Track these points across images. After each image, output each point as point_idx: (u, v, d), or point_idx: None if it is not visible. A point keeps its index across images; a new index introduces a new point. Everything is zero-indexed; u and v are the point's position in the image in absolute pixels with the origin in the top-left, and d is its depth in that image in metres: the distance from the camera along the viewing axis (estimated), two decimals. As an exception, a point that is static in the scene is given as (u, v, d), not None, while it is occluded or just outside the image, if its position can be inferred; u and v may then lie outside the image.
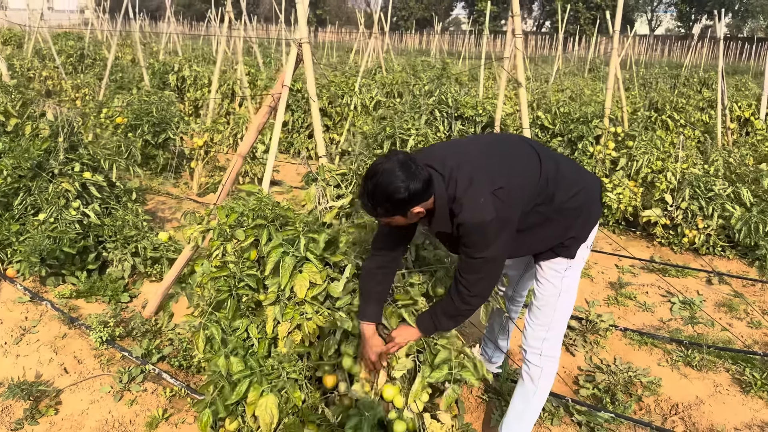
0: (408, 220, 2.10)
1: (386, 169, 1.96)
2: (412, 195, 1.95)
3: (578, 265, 2.37)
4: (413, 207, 2.01)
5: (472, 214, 2.00)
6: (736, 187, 5.14)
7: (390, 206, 1.99)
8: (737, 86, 13.73)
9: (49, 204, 3.86)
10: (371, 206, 2.02)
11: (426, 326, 2.24)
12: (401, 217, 2.06)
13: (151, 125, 6.22)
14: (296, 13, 3.30)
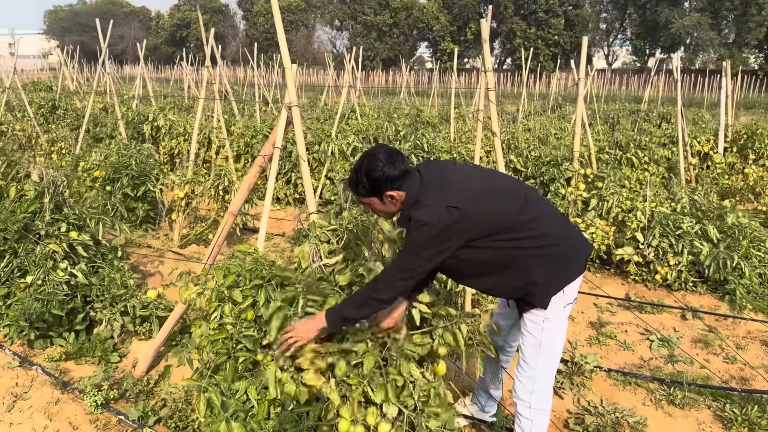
0: (385, 207, 2.40)
1: (373, 152, 2.37)
2: (386, 178, 2.30)
3: (557, 319, 2.46)
4: (387, 190, 2.33)
5: (418, 213, 2.27)
6: (702, 224, 5.39)
7: (367, 184, 2.33)
8: (695, 120, 14.37)
9: (36, 266, 3.85)
10: (354, 182, 2.38)
11: (332, 316, 2.38)
12: (378, 201, 2.38)
13: (130, 178, 6.25)
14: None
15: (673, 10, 51.02)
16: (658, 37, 53.16)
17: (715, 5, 50.56)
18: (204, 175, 6.30)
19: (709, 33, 50.81)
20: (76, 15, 68.81)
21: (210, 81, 7.07)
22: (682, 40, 52.15)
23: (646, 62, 56.99)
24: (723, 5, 49.94)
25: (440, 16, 58.45)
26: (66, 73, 13.74)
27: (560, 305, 2.44)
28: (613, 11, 59.33)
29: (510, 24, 56.11)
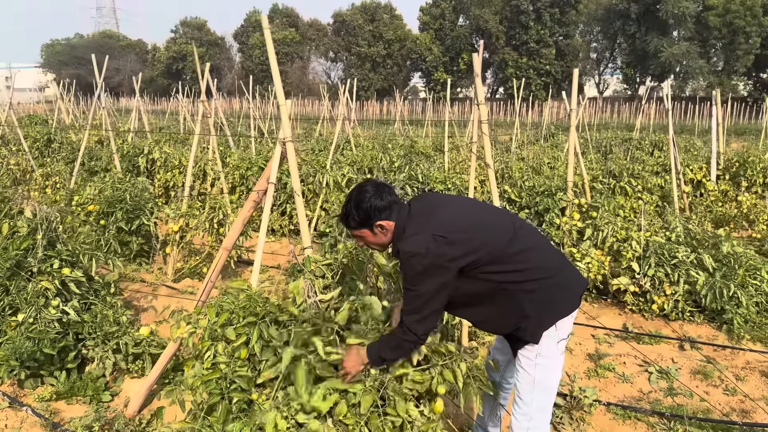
0: (376, 239, 2.48)
1: (361, 185, 2.48)
2: (374, 208, 2.39)
3: (551, 355, 2.44)
4: (376, 221, 2.40)
5: (405, 243, 2.32)
6: (698, 253, 5.39)
7: (357, 216, 2.42)
8: (686, 147, 14.52)
9: (28, 304, 3.81)
10: (345, 216, 2.49)
11: (372, 354, 2.41)
12: (369, 232, 2.46)
13: (124, 212, 6.23)
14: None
15: (662, 39, 51.92)
16: (648, 65, 54.00)
17: (703, 34, 51.51)
18: (199, 208, 6.29)
19: (698, 61, 51.65)
20: (73, 48, 69.48)
21: (205, 114, 7.11)
22: (672, 68, 53.00)
23: (636, 90, 57.77)
24: (711, 34, 50.89)
25: (433, 47, 59.30)
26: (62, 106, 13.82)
27: (553, 340, 2.42)
28: (603, 41, 60.32)
29: (502, 54, 56.93)
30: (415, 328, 2.33)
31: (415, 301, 2.32)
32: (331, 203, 7.79)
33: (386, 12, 64.68)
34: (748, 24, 48.98)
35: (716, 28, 50.18)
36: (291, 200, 7.96)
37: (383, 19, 63.53)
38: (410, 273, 2.29)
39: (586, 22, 58.62)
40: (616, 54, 59.33)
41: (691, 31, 51.84)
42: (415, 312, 2.32)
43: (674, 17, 50.55)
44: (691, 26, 51.45)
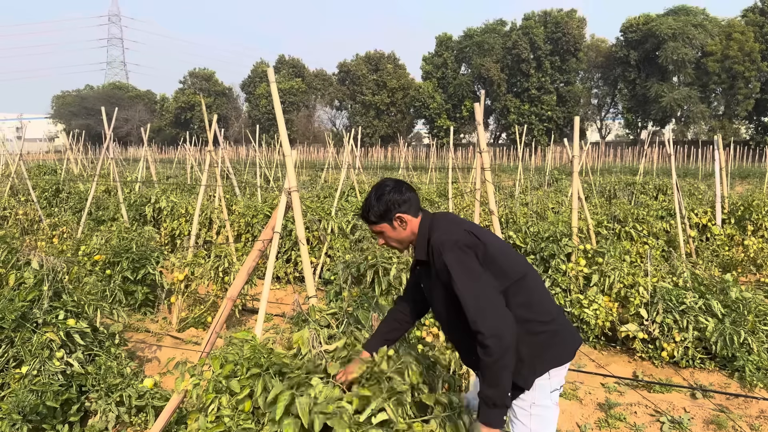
0: (396, 234, 2.50)
1: (381, 182, 2.53)
2: (393, 201, 2.43)
3: (545, 405, 2.41)
4: (395, 213, 2.44)
5: (437, 235, 2.37)
6: (706, 299, 5.34)
7: (376, 208, 2.45)
8: (690, 191, 14.55)
9: (32, 356, 3.79)
10: (366, 210, 2.51)
11: (485, 414, 2.20)
12: (389, 226, 2.48)
13: (130, 261, 6.25)
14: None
15: (663, 84, 52.74)
16: (649, 110, 54.71)
17: (703, 79, 52.32)
18: (204, 257, 6.31)
19: (699, 106, 52.33)
20: (83, 99, 71.10)
21: (212, 164, 7.22)
22: (673, 112, 53.67)
23: (639, 134, 58.37)
24: (711, 79, 51.68)
25: (436, 95, 60.37)
26: (71, 156, 14.05)
27: (546, 390, 2.40)
28: (603, 87, 61.35)
29: (504, 101, 57.84)
30: (490, 327, 2.15)
31: (472, 301, 2.20)
32: (336, 250, 7.80)
33: (390, 62, 66.19)
34: (747, 69, 49.79)
35: (716, 73, 51.01)
36: (296, 247, 7.97)
37: (387, 69, 64.96)
38: (455, 263, 2.25)
39: (587, 69, 59.75)
40: (617, 99, 60.20)
41: (691, 77, 52.71)
42: (480, 311, 2.18)
43: (674, 63, 51.50)
44: (690, 72, 52.34)
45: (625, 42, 55.54)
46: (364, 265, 4.83)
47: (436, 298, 2.48)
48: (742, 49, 49.45)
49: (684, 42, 51.16)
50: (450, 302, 2.36)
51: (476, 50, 58.77)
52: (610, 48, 58.40)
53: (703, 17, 53.28)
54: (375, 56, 65.98)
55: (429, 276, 2.48)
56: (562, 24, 55.90)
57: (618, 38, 56.99)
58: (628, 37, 55.08)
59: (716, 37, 51.52)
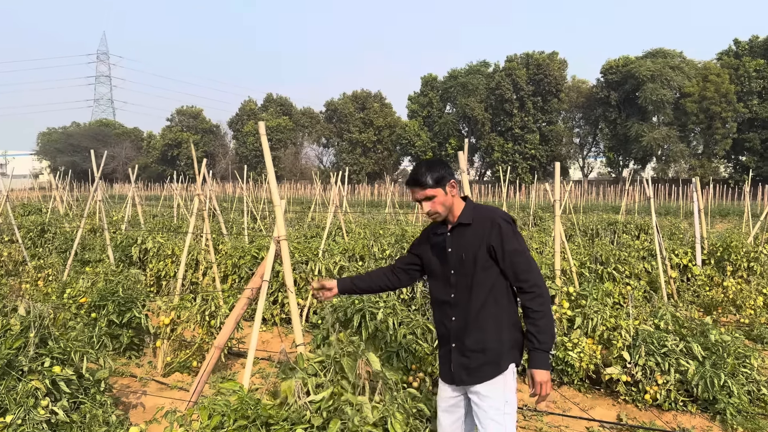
0: (446, 200, 2.83)
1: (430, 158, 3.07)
2: (448, 170, 2.84)
3: (514, 403, 2.77)
4: (450, 180, 2.82)
5: (497, 212, 2.84)
6: (686, 342, 5.44)
7: (436, 174, 2.79)
8: (671, 230, 14.80)
9: (17, 404, 3.76)
10: (423, 176, 2.80)
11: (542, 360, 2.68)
12: (442, 191, 2.82)
13: (116, 305, 6.24)
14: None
15: (643, 124, 53.92)
16: (630, 149, 55.78)
17: (681, 119, 53.60)
18: (190, 300, 6.31)
19: (678, 145, 53.46)
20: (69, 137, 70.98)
21: (200, 208, 7.29)
22: (654, 151, 54.73)
23: (620, 173, 59.37)
24: (689, 119, 52.96)
25: (421, 133, 61.16)
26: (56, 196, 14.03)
27: (513, 387, 2.78)
28: (585, 126, 62.59)
29: (488, 139, 58.72)
30: (542, 283, 2.73)
31: (528, 260, 2.74)
32: (323, 292, 7.82)
33: (376, 100, 67.19)
34: (724, 110, 51.16)
35: (694, 113, 52.33)
36: (282, 288, 7.99)
37: (373, 107, 65.88)
38: (514, 236, 2.76)
39: (568, 109, 61.03)
40: (599, 138, 61.38)
41: (670, 117, 54.00)
42: (534, 269, 2.75)
43: (653, 104, 52.79)
44: (669, 112, 53.65)
45: (606, 83, 56.94)
46: (351, 309, 4.88)
47: (467, 261, 2.79)
48: (719, 90, 50.90)
49: (662, 83, 52.56)
50: (482, 267, 2.76)
51: (461, 90, 59.88)
52: (590, 89, 59.80)
53: (680, 60, 54.93)
54: (362, 95, 66.95)
55: (464, 239, 2.82)
56: (544, 66, 57.29)
57: (598, 79, 58.44)
58: (608, 79, 56.50)
59: (693, 79, 53.04)
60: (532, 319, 2.68)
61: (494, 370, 2.75)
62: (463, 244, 2.82)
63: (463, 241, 2.82)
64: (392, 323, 4.65)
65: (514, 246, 2.73)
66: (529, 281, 2.70)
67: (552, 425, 4.94)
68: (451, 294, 2.86)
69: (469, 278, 2.79)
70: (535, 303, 2.68)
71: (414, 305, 6.96)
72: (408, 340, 4.57)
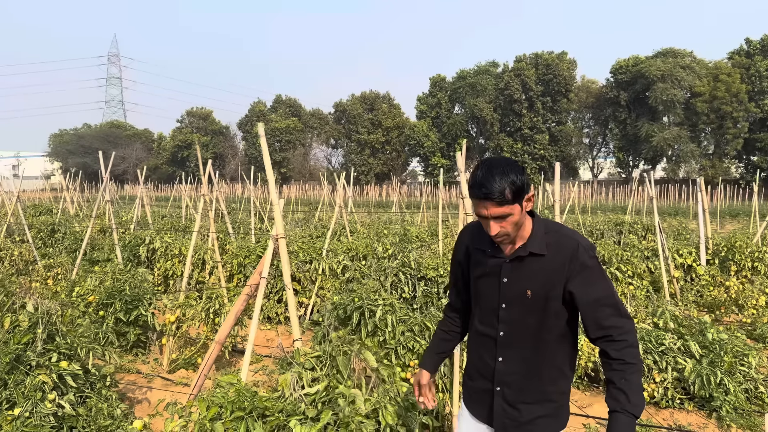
0: (520, 218, 2.13)
1: (500, 159, 2.13)
2: (524, 178, 2.08)
3: None
4: (527, 194, 2.11)
5: (579, 237, 2.17)
6: (684, 340, 5.49)
7: (517, 183, 2.05)
8: (678, 231, 14.79)
9: (25, 398, 3.88)
10: (499, 183, 2.03)
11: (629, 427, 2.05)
12: (519, 208, 2.10)
13: (123, 303, 6.37)
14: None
15: (653, 124, 53.68)
16: (640, 149, 55.54)
17: (692, 119, 53.31)
18: (195, 299, 6.43)
19: (689, 145, 53.18)
20: (80, 138, 71.63)
21: (206, 209, 7.41)
22: (664, 152, 54.46)
23: (630, 173, 59.11)
24: (700, 119, 52.67)
25: (430, 134, 61.24)
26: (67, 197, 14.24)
27: None
28: (594, 126, 62.34)
29: (497, 140, 58.67)
30: (634, 327, 2.17)
31: (617, 305, 2.14)
32: (327, 290, 7.93)
33: (385, 102, 67.30)
34: (735, 110, 50.85)
35: (704, 113, 52.05)
36: (287, 288, 8.10)
37: (382, 108, 65.99)
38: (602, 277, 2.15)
39: (578, 109, 60.84)
40: (608, 139, 61.14)
41: (680, 117, 53.72)
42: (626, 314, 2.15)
43: (663, 104, 52.54)
44: (680, 112, 53.38)
45: (615, 83, 56.75)
46: (351, 307, 4.97)
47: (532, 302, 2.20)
48: (729, 90, 50.59)
49: (673, 83, 52.32)
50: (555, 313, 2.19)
51: (469, 91, 59.91)
52: (600, 89, 59.62)
53: (691, 59, 54.63)
54: (370, 96, 67.12)
55: (530, 272, 2.20)
56: (553, 66, 57.18)
57: (608, 79, 58.26)
58: (618, 79, 56.31)
59: (704, 79, 52.75)
60: (621, 373, 2.07)
61: (553, 424, 2.26)
62: (530, 278, 2.20)
63: (530, 275, 2.20)
64: (391, 321, 4.74)
65: (601, 292, 2.13)
66: (621, 328, 2.11)
67: (549, 422, 5.00)
68: (499, 331, 2.28)
69: (533, 321, 2.22)
70: (628, 354, 2.09)
71: (415, 304, 7.04)
72: (406, 337, 4.66)
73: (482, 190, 2.04)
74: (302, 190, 49.38)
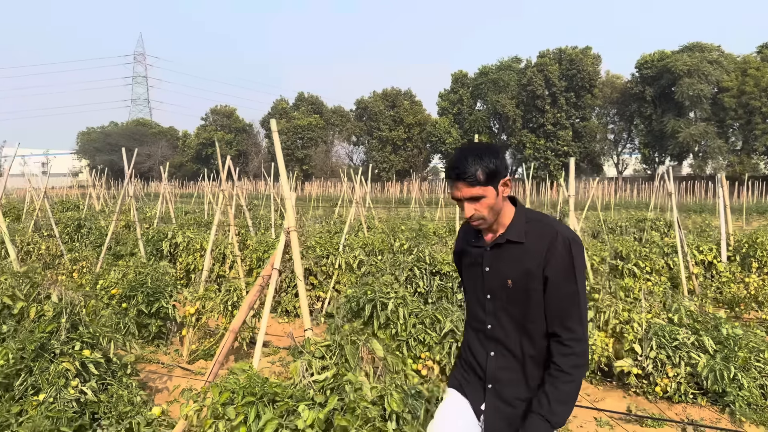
0: (496, 204, 2.12)
1: (479, 143, 2.17)
2: (501, 162, 2.08)
3: None
4: (503, 177, 2.10)
5: (562, 227, 2.11)
6: (699, 335, 5.47)
7: (490, 165, 2.05)
8: (702, 227, 14.60)
9: (49, 384, 4.05)
10: (471, 165, 2.05)
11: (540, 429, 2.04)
12: (494, 191, 2.10)
13: (145, 295, 6.56)
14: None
15: (679, 120, 52.80)
16: (666, 145, 54.68)
17: (719, 115, 52.32)
18: (215, 291, 6.58)
19: (716, 141, 52.21)
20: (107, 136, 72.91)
21: (226, 204, 7.58)
22: (691, 148, 53.54)
23: (656, 169, 58.25)
24: (728, 114, 51.66)
25: (452, 130, 61.06)
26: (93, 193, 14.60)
27: None
28: (619, 122, 61.52)
29: (519, 136, 58.25)
30: (587, 338, 2.07)
31: (582, 307, 2.07)
32: (343, 284, 8.04)
33: (406, 98, 67.22)
34: (764, 105, 49.75)
35: (732, 108, 51.03)
36: (306, 281, 8.24)
37: (403, 105, 65.95)
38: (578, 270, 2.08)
39: (602, 105, 60.08)
40: (634, 135, 60.31)
41: (707, 112, 52.75)
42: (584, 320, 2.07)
43: (690, 99, 51.63)
44: (707, 107, 52.41)
45: (641, 78, 55.92)
46: (363, 300, 5.06)
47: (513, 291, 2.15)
48: (758, 84, 49.52)
49: (700, 78, 51.38)
50: (537, 302, 2.13)
51: (491, 87, 59.56)
52: (625, 84, 58.81)
53: (718, 54, 53.59)
54: (392, 93, 67.13)
55: (510, 260, 2.16)
56: (577, 61, 56.56)
57: (633, 74, 57.44)
58: (643, 74, 55.49)
59: (732, 73, 51.71)
60: (554, 379, 2.06)
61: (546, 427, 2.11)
62: (509, 266, 2.16)
63: (509, 263, 2.16)
64: (402, 313, 4.82)
65: (569, 288, 2.08)
66: (573, 333, 2.05)
67: (560, 415, 5.03)
68: (486, 324, 2.25)
69: (517, 312, 2.18)
70: (567, 362, 2.05)
71: (430, 298, 7.11)
72: (417, 330, 4.74)
73: (455, 171, 2.08)
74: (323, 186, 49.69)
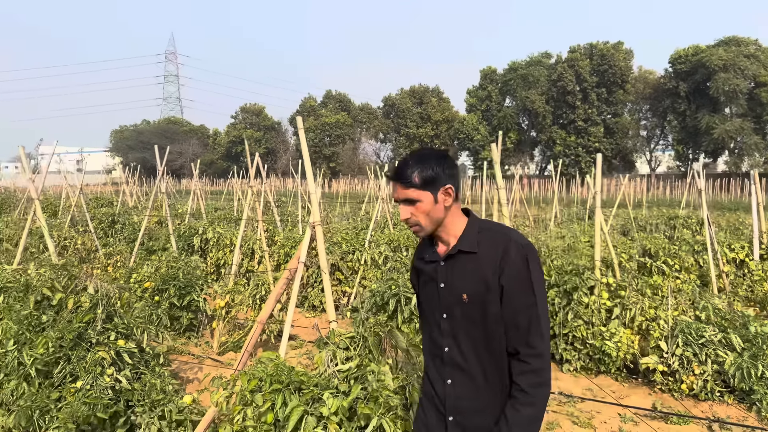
0: (434, 212, 2.04)
1: (426, 148, 2.19)
2: (444, 169, 2.02)
3: None
4: (443, 185, 2.02)
5: (515, 234, 2.02)
6: (726, 333, 5.42)
7: (426, 173, 2.00)
8: (735, 225, 14.32)
9: (86, 372, 4.24)
10: (409, 168, 2.02)
11: None
12: (431, 197, 2.02)
13: (177, 288, 6.75)
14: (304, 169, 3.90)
15: (714, 116, 51.65)
16: (700, 142, 53.56)
17: (756, 110, 51.02)
18: (244, 285, 6.75)
19: (753, 137, 50.97)
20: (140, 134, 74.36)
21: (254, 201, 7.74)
22: (726, 144, 52.33)
23: (690, 166, 57.09)
24: (765, 110, 50.34)
25: (480, 127, 60.73)
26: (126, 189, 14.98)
27: None
28: (652, 118, 60.42)
29: (549, 133, 57.64)
30: (548, 354, 1.94)
31: (541, 319, 1.95)
32: (369, 280, 8.13)
33: (434, 95, 67.07)
34: (803, 99, 48.38)
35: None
36: (332, 277, 8.36)
37: (431, 102, 65.82)
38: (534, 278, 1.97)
39: (635, 101, 59.07)
40: (667, 131, 59.16)
41: (743, 108, 51.48)
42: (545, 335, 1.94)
43: (725, 94, 50.45)
44: (743, 103, 51.16)
45: (674, 73, 54.84)
46: (388, 294, 5.14)
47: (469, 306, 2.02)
48: (797, 78, 48.17)
49: (735, 73, 50.16)
50: (495, 318, 1.99)
51: (521, 83, 59.04)
52: (658, 79, 57.73)
53: (755, 48, 52.25)
54: (419, 90, 67.07)
55: (464, 273, 2.04)
56: (609, 56, 55.73)
57: (666, 70, 56.36)
58: (677, 69, 54.40)
59: (769, 68, 50.39)
60: (514, 401, 1.93)
61: None
62: (463, 279, 2.03)
63: (464, 276, 2.03)
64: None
65: (524, 299, 1.95)
66: (532, 348, 1.92)
67: (584, 410, 5.05)
68: (443, 347, 2.09)
69: (475, 331, 2.03)
70: (526, 380, 1.92)
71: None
72: (441, 324, 4.80)
73: (392, 171, 2.09)
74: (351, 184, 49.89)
